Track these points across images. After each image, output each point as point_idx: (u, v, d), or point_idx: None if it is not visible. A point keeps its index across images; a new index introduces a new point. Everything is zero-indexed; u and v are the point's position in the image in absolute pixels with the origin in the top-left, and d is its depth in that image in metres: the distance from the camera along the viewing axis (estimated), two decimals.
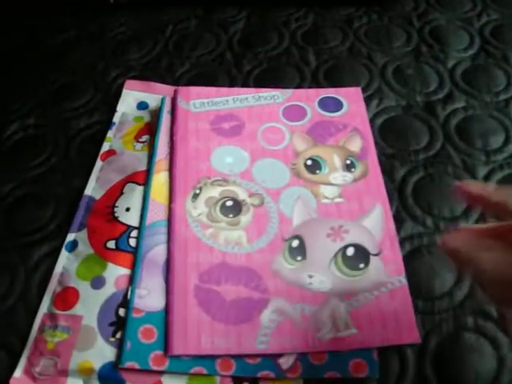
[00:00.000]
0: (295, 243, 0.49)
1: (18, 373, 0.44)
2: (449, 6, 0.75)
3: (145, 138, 0.58)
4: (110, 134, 0.60)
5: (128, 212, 0.52)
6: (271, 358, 0.43)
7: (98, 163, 0.57)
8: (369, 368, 0.43)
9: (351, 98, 0.61)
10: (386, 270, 0.48)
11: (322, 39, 0.71)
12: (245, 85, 0.65)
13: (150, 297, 0.46)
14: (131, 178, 0.55)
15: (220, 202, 0.52)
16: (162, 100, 0.60)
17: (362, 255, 0.48)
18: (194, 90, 0.61)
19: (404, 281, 0.47)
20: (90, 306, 0.46)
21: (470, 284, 0.48)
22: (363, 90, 0.62)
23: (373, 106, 0.62)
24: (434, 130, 0.59)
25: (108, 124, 0.61)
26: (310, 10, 0.75)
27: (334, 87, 0.63)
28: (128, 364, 0.43)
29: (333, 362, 0.43)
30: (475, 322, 0.45)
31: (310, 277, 0.47)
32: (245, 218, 0.51)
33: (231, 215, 0.51)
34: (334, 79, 0.65)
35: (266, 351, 0.43)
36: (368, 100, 0.62)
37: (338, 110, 0.59)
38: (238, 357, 0.43)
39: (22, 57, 0.71)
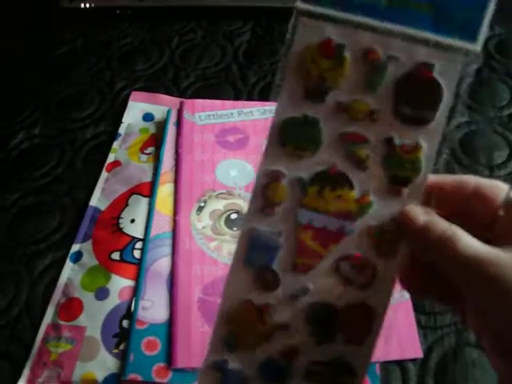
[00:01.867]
0: None
1: (21, 383, 0.44)
2: None
3: (150, 149, 0.58)
4: (115, 144, 0.60)
5: (133, 223, 0.52)
6: None
7: (104, 174, 0.57)
8: (371, 382, 0.43)
9: None
10: None
11: None
12: (250, 97, 0.65)
13: (153, 309, 0.47)
14: (136, 190, 0.55)
15: (224, 215, 0.52)
16: (168, 112, 0.61)
17: None
18: (200, 102, 0.61)
19: (407, 296, 0.47)
20: (93, 317, 0.47)
21: None
22: None
23: None
24: None
25: (114, 135, 0.61)
26: None
27: None
28: (131, 376, 0.43)
29: None
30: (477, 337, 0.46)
31: None
32: None
33: (235, 228, 0.51)
34: None
35: None
36: None
37: None
38: None
39: (28, 67, 0.71)
